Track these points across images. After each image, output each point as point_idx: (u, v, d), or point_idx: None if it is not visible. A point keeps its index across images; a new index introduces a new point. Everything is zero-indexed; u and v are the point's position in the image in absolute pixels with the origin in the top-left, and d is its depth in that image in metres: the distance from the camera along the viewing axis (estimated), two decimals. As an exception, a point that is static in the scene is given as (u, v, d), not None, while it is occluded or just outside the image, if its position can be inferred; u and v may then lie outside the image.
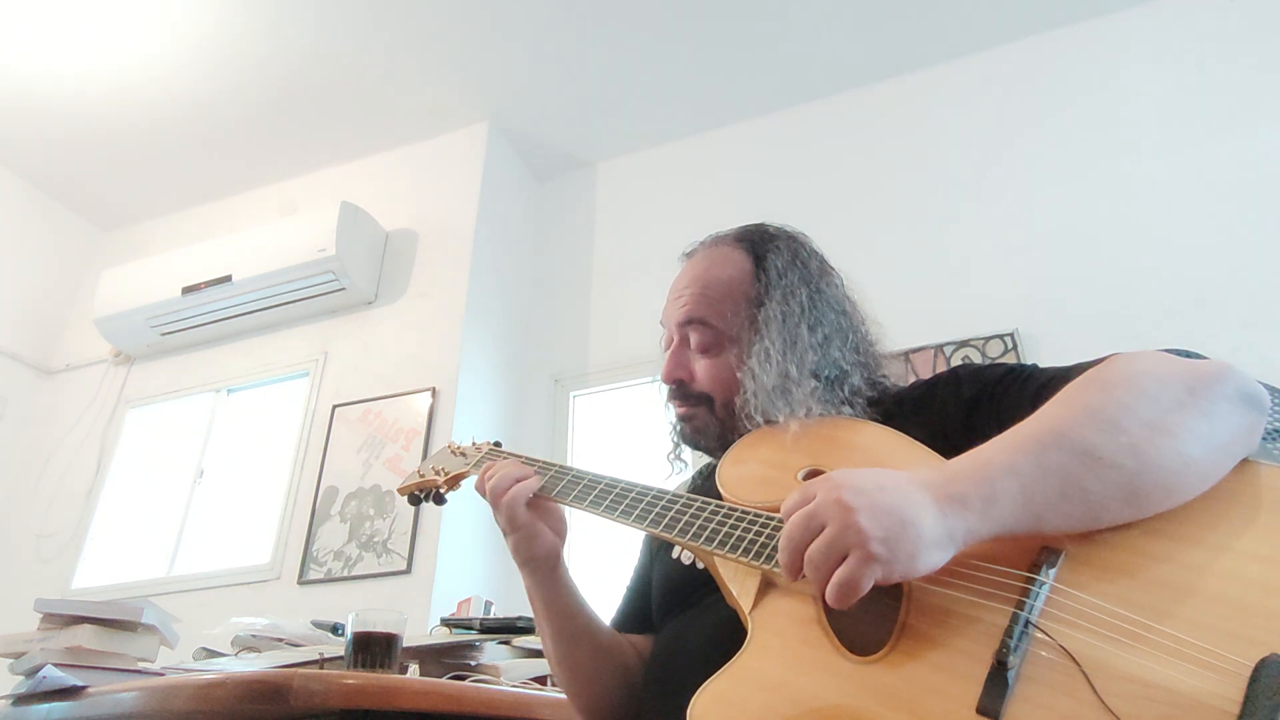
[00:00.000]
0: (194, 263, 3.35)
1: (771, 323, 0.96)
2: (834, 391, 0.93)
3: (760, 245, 1.04)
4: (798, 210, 1.25)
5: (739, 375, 0.97)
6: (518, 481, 0.95)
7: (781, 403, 0.91)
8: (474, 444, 1.14)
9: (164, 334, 3.45)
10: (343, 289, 3.20)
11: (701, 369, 1.01)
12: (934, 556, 0.63)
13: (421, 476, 1.13)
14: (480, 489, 0.98)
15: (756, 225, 1.10)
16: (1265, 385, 0.74)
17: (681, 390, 1.03)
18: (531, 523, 0.94)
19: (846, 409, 0.91)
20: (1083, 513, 0.65)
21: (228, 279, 3.25)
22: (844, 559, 0.61)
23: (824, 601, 0.63)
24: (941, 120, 3.13)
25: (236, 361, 3.43)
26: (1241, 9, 2.80)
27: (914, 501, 0.63)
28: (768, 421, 0.91)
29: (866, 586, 0.61)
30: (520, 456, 1.04)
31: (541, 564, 0.96)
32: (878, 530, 0.61)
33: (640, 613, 1.06)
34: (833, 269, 1.07)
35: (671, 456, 1.09)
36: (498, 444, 1.13)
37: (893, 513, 0.62)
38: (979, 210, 2.90)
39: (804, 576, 0.65)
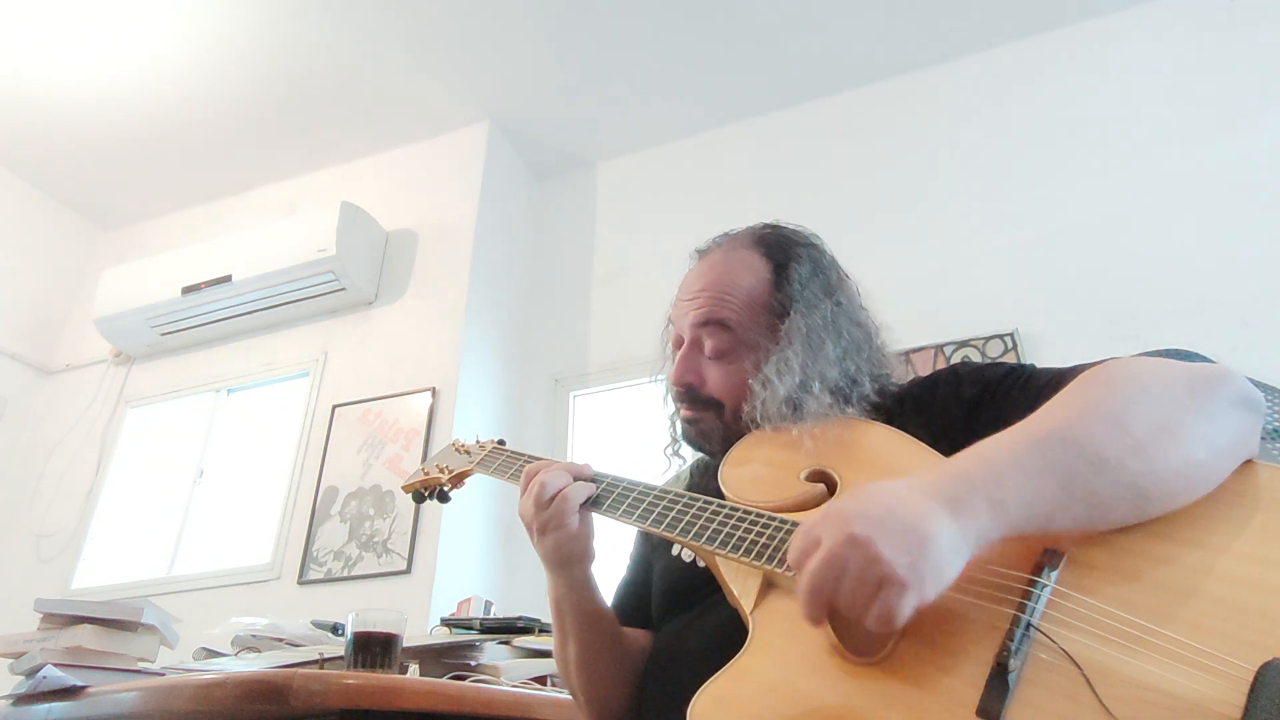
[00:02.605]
0: (194, 263, 3.34)
1: (794, 334, 0.94)
2: (845, 400, 0.92)
3: (779, 251, 1.02)
4: (797, 209, 1.24)
5: (751, 382, 0.95)
6: (574, 481, 0.92)
7: (791, 412, 0.90)
8: (478, 442, 1.15)
9: (164, 334, 3.45)
10: (343, 289, 3.20)
11: (714, 374, 0.99)
12: (957, 565, 0.61)
13: (426, 474, 1.13)
14: (527, 478, 0.93)
15: (773, 228, 1.07)
16: (1260, 385, 0.74)
17: (691, 394, 1.00)
18: (576, 524, 0.91)
19: (852, 410, 0.91)
20: (1089, 512, 0.64)
21: (228, 279, 3.24)
22: (878, 592, 0.59)
23: None
24: (941, 120, 3.12)
25: (236, 361, 3.43)
26: (1241, 8, 2.80)
27: (926, 514, 0.61)
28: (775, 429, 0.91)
29: (907, 614, 0.59)
30: (523, 454, 1.04)
31: (576, 566, 0.94)
32: (902, 556, 0.58)
33: (639, 607, 1.05)
34: (848, 276, 1.05)
35: (669, 452, 1.08)
36: (501, 442, 1.13)
37: (910, 532, 0.59)
38: (979, 210, 2.89)
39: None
